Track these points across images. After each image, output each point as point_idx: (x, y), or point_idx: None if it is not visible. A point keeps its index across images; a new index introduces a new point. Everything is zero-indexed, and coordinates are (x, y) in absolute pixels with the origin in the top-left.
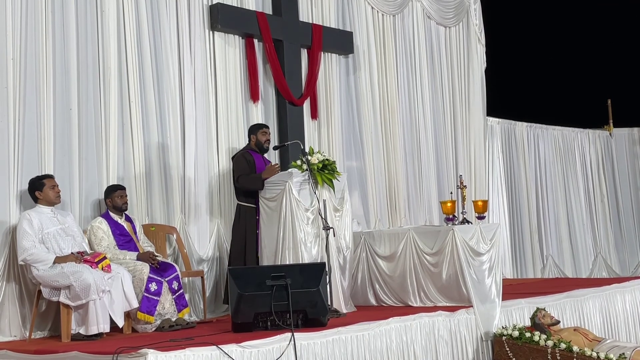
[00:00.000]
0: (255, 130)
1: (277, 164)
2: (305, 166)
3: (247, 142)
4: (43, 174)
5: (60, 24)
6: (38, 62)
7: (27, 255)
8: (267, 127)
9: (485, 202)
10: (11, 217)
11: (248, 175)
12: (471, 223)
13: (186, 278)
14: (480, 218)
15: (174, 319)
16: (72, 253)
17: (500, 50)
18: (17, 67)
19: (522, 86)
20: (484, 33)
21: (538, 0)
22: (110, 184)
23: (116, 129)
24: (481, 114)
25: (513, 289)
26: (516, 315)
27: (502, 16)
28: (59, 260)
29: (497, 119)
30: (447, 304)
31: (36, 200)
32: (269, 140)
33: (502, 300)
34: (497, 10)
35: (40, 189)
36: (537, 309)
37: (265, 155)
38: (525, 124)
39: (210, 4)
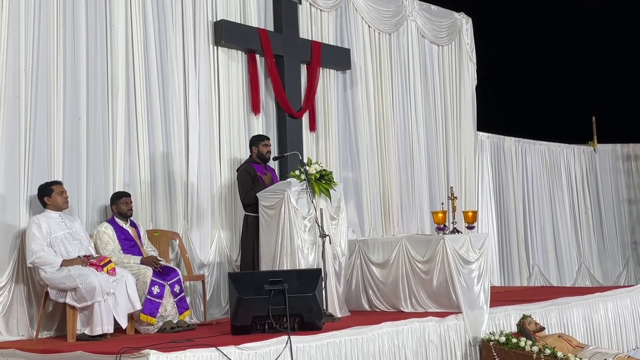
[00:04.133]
0: (256, 142)
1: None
2: (303, 176)
3: (250, 153)
4: (52, 180)
5: (71, 37)
6: (49, 73)
7: (36, 258)
8: (267, 138)
9: (475, 213)
10: (21, 221)
11: (251, 189)
12: (461, 233)
13: (188, 282)
14: (470, 228)
15: (175, 321)
16: (78, 256)
17: (491, 68)
18: (28, 78)
19: (512, 103)
20: (475, 52)
21: (527, 21)
22: (116, 190)
23: (123, 138)
24: (472, 128)
25: (500, 297)
26: (503, 321)
27: (493, 36)
28: (66, 263)
29: (486, 134)
30: (438, 310)
31: (45, 205)
32: (270, 151)
33: (490, 307)
34: (487, 30)
35: (49, 195)
36: (524, 315)
37: (268, 164)
38: (513, 138)
39: (214, 20)
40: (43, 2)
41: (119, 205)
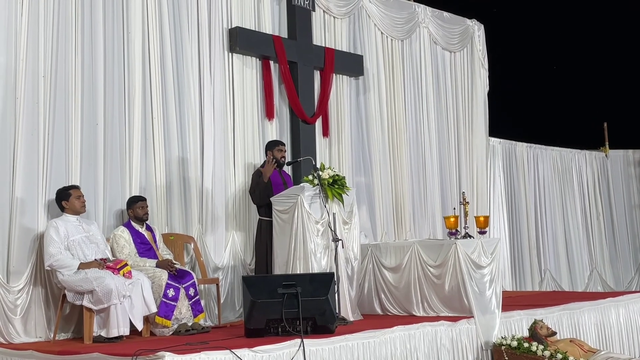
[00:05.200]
0: (271, 146)
1: (274, 160)
2: (316, 181)
3: (265, 157)
4: (70, 184)
5: (89, 44)
6: (67, 80)
7: (53, 261)
8: (283, 144)
9: (487, 218)
10: (39, 225)
11: (256, 186)
12: (473, 237)
13: (202, 285)
14: (482, 233)
15: (190, 324)
16: (95, 260)
17: (503, 74)
18: (47, 85)
19: (523, 108)
20: (487, 58)
21: (538, 27)
22: (133, 195)
23: (139, 143)
24: (483, 134)
25: (512, 301)
26: (515, 326)
27: (505, 42)
28: (83, 266)
29: (498, 139)
30: (449, 314)
31: (63, 209)
32: (284, 156)
33: (502, 311)
34: (499, 36)
35: (66, 199)
36: (535, 320)
37: (282, 169)
38: (525, 144)
39: (229, 27)
40: (62, 10)
41: (135, 210)
